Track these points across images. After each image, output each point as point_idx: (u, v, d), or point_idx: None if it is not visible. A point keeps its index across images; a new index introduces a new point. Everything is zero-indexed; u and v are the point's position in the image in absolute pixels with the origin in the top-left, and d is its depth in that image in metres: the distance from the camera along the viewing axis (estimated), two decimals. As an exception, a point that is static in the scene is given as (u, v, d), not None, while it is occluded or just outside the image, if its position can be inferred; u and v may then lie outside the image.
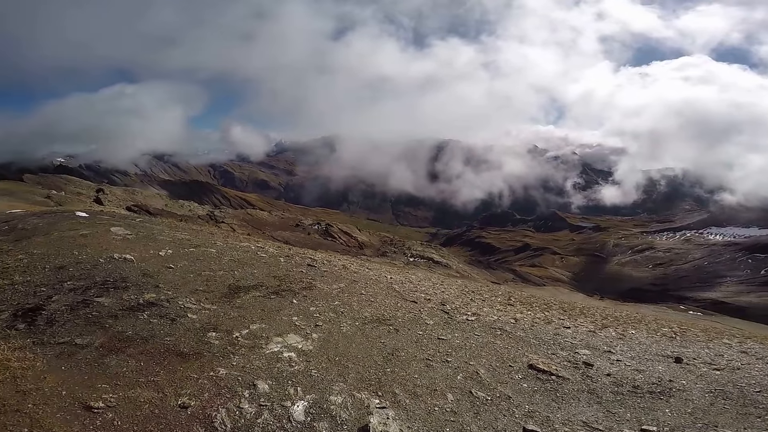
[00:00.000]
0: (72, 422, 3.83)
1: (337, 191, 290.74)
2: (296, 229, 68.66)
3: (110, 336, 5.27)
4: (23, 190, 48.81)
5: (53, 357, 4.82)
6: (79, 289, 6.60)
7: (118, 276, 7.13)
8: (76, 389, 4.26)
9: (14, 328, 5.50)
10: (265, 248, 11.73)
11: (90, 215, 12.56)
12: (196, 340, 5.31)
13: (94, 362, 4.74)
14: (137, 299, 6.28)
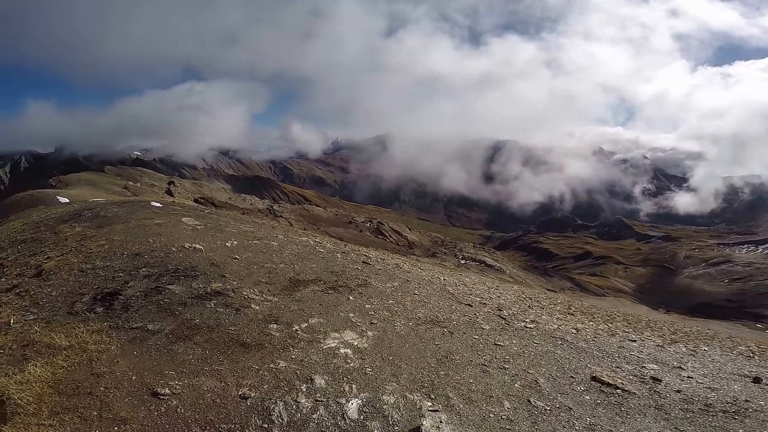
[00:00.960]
0: (138, 407, 3.99)
1: (389, 190, 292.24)
2: (349, 226, 69.77)
3: (179, 323, 5.49)
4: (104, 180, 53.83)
5: (126, 341, 5.09)
6: (153, 275, 6.98)
7: (188, 264, 7.46)
8: (145, 375, 4.45)
9: (93, 311, 5.90)
10: (323, 243, 11.90)
11: (163, 206, 13.44)
12: (258, 331, 5.41)
13: (164, 348, 4.95)
14: (205, 288, 6.51)
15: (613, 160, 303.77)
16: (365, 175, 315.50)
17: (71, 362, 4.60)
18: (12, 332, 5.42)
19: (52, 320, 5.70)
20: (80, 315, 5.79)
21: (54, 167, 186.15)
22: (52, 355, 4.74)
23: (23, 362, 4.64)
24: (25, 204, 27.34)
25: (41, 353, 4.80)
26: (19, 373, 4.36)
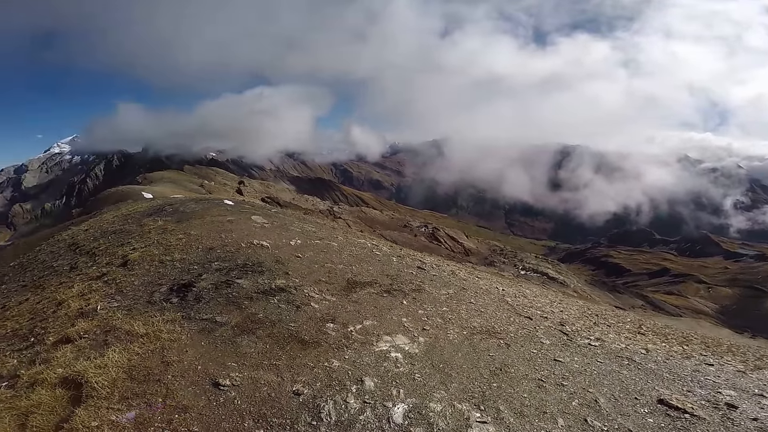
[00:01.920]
0: (200, 396, 4.17)
1: (446, 195, 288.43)
2: (404, 229, 69.88)
3: (245, 317, 5.72)
4: (183, 178, 58.53)
5: (196, 332, 5.37)
6: (224, 269, 7.37)
7: (255, 260, 7.79)
8: (210, 365, 4.65)
9: (169, 301, 6.34)
10: (380, 247, 11.98)
11: (235, 204, 14.30)
12: (316, 329, 5.50)
13: (229, 340, 5.16)
14: (270, 284, 6.76)
15: (701, 168, 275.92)
16: (421, 179, 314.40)
17: (146, 349, 4.92)
18: (97, 318, 5.97)
19: (133, 308, 6.20)
20: (157, 304, 6.25)
21: (140, 165, 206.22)
22: (129, 341, 5.12)
23: (104, 347, 5.05)
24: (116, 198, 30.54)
25: (120, 339, 5.20)
26: (99, 358, 4.72)
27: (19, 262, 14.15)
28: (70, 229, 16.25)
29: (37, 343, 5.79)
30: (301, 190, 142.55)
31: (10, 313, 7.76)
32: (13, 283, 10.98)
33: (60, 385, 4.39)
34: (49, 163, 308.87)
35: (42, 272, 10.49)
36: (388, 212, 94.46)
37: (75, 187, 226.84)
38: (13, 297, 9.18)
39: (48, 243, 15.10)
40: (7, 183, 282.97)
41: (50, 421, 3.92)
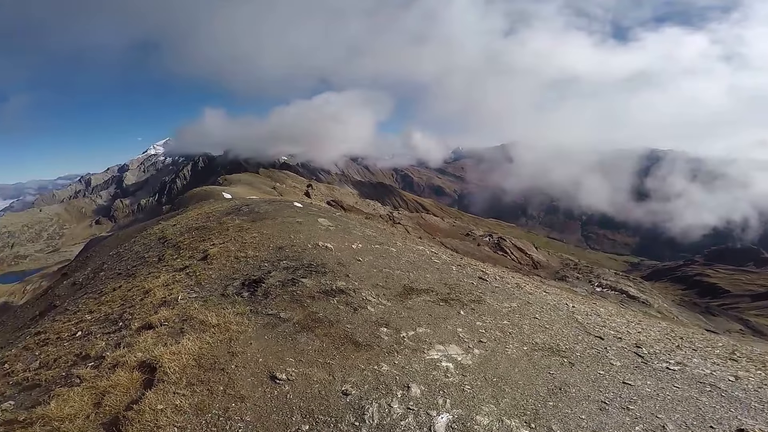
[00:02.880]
0: (257, 388, 4.42)
1: (514, 203, 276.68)
2: (466, 238, 68.31)
3: (306, 315, 5.98)
4: (258, 181, 62.38)
5: (261, 326, 5.70)
6: (291, 268, 7.79)
7: (319, 261, 8.14)
8: (270, 359, 4.92)
9: (240, 295, 6.82)
10: (439, 254, 11.89)
11: (303, 206, 15.03)
12: (370, 332, 5.61)
13: (289, 337, 5.43)
14: (331, 285, 7.02)
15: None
16: (486, 186, 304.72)
17: (216, 339, 5.31)
18: (178, 307, 6.57)
19: (208, 300, 6.74)
20: (230, 297, 6.75)
21: (222, 167, 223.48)
22: (202, 331, 5.54)
23: (180, 335, 5.52)
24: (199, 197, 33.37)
25: (195, 329, 5.65)
26: (174, 345, 5.16)
27: (117, 251, 15.99)
28: (161, 224, 18.02)
29: (124, 327, 6.51)
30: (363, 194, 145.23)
31: (105, 298, 8.82)
32: (110, 270, 12.45)
33: (137, 368, 4.84)
34: (146, 163, 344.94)
35: (135, 262, 11.77)
36: (450, 219, 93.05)
37: (166, 186, 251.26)
38: (109, 283, 10.43)
39: (141, 235, 16.88)
40: (111, 180, 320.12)
41: (122, 402, 4.32)
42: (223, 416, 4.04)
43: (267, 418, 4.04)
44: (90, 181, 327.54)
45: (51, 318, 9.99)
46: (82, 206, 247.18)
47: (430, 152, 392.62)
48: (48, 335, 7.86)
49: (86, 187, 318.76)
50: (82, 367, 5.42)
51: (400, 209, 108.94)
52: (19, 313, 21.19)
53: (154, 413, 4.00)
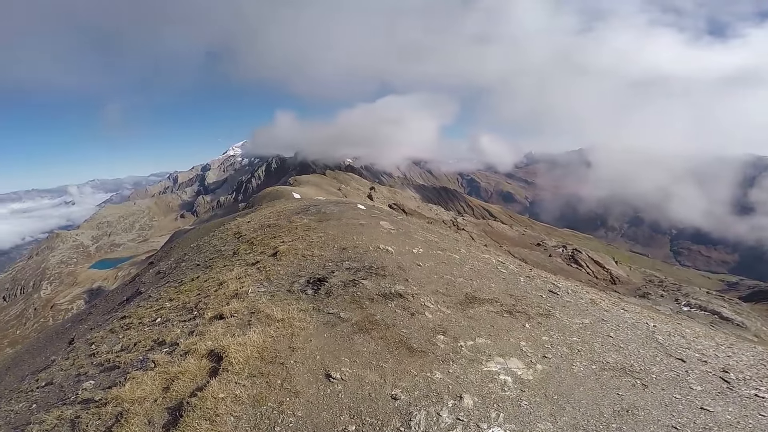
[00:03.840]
0: (311, 385, 4.52)
1: (592, 213, 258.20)
2: (536, 248, 65.02)
3: (364, 316, 6.04)
4: (325, 182, 64.59)
5: (321, 324, 5.85)
6: (353, 269, 7.93)
7: (380, 264, 8.19)
8: (327, 357, 5.02)
9: (305, 292, 7.06)
10: (506, 264, 11.42)
11: (366, 208, 15.28)
12: (426, 339, 5.52)
13: (347, 337, 5.51)
14: (390, 288, 7.02)
15: None
16: (560, 193, 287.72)
17: (279, 334, 5.52)
18: (247, 300, 6.95)
19: (275, 295, 7.06)
20: (295, 294, 7.02)
21: (292, 169, 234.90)
22: (268, 324, 5.79)
23: (247, 327, 5.82)
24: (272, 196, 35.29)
25: (261, 322, 5.92)
26: (241, 336, 5.44)
27: (197, 244, 17.35)
28: (236, 220, 19.28)
29: (198, 316, 6.99)
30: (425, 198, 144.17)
31: (184, 287, 9.57)
32: (190, 261, 13.52)
33: (206, 357, 5.16)
34: (226, 163, 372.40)
35: (212, 255, 12.68)
36: (519, 228, 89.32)
37: (242, 185, 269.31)
38: (188, 274, 11.31)
39: (219, 230, 18.17)
40: (195, 179, 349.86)
41: (189, 388, 4.60)
42: (277, 410, 4.17)
43: (317, 416, 4.12)
44: (177, 178, 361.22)
45: (136, 304, 11.08)
46: (169, 201, 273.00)
47: (499, 156, 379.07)
48: (132, 320, 8.71)
49: (174, 183, 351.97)
50: (158, 353, 5.90)
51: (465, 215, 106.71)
52: (110, 297, 23.83)
53: (215, 401, 4.21)
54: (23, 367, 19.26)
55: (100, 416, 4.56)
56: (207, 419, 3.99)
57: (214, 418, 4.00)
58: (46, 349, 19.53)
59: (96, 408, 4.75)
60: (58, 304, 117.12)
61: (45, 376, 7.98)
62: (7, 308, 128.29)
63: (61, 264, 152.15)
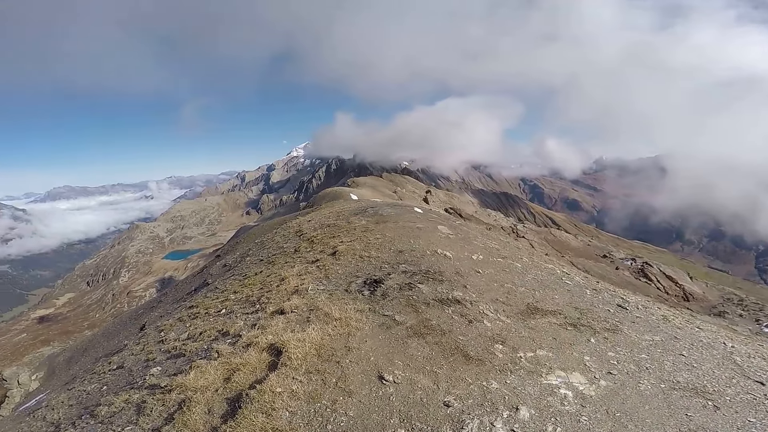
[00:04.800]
0: (364, 386, 4.53)
1: (666, 225, 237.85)
2: (602, 260, 60.93)
3: (419, 320, 5.97)
4: (381, 184, 65.11)
5: (377, 326, 5.87)
6: (409, 273, 7.89)
7: (437, 269, 8.08)
8: (380, 359, 5.02)
9: (361, 293, 7.13)
10: (571, 275, 10.82)
11: (423, 212, 15.16)
12: (483, 347, 5.39)
13: (401, 340, 5.48)
14: (447, 294, 6.89)
15: None
16: (632, 202, 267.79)
17: (336, 333, 5.60)
18: (307, 297, 7.14)
19: (333, 293, 7.19)
20: (352, 294, 7.11)
21: (350, 170, 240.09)
22: (325, 322, 5.90)
23: (306, 324, 5.97)
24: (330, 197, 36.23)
25: (319, 319, 6.05)
26: (300, 333, 5.57)
27: (261, 240, 18.20)
28: (298, 219, 20.02)
29: (260, 310, 7.28)
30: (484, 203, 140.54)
31: (247, 281, 10.04)
32: (254, 257, 14.19)
33: (266, 350, 5.33)
34: (289, 164, 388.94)
35: (275, 251, 13.23)
36: (584, 238, 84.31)
37: (304, 185, 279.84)
38: (252, 268, 11.86)
39: (282, 228, 18.97)
40: (261, 178, 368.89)
41: (248, 380, 4.76)
42: (330, 407, 4.22)
43: (368, 417, 4.12)
44: (244, 177, 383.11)
45: (203, 294, 11.80)
46: (236, 198, 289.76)
47: (566, 161, 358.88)
48: (198, 310, 9.27)
49: (241, 182, 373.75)
50: (222, 343, 6.21)
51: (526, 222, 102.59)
52: (179, 286, 25.69)
53: (273, 395, 4.33)
54: (98, 349, 21.35)
55: (164, 402, 4.83)
56: (263, 413, 4.10)
57: (270, 412, 4.10)
58: (120, 334, 21.50)
59: (161, 394, 5.04)
60: (134, 291, 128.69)
61: (117, 360, 8.72)
62: (90, 293, 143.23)
63: (138, 253, 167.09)
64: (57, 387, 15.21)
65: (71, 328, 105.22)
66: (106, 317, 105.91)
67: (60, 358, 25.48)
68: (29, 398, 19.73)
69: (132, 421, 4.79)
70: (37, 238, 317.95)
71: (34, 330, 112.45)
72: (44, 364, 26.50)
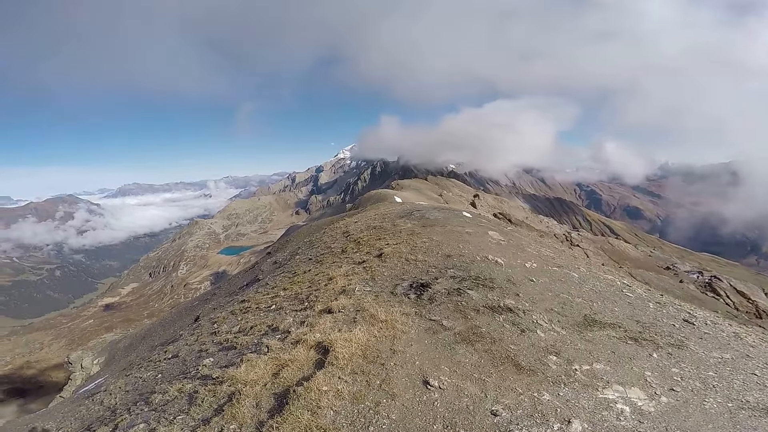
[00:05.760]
0: (408, 390, 4.44)
1: (741, 237, 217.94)
2: (665, 272, 56.72)
3: (468, 327, 5.80)
4: (425, 187, 64.63)
5: (423, 330, 5.76)
6: (458, 278, 7.70)
7: (488, 275, 7.84)
8: (426, 364, 4.91)
9: (407, 296, 7.03)
10: (632, 287, 10.15)
11: (472, 216, 14.82)
12: (536, 358, 5.19)
13: (448, 345, 5.35)
14: (498, 302, 6.65)
15: None
16: (699, 211, 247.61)
17: (382, 335, 5.56)
18: (354, 297, 7.16)
19: (379, 295, 7.16)
20: (398, 296, 7.04)
21: (394, 173, 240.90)
22: (372, 324, 5.87)
23: (353, 324, 5.97)
24: (375, 199, 36.49)
25: (365, 320, 6.03)
26: (347, 333, 5.56)
27: (310, 239, 18.61)
28: (344, 220, 20.30)
29: (308, 308, 7.38)
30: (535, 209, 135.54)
31: (296, 279, 10.25)
32: (303, 255, 14.51)
33: (314, 348, 5.37)
34: (336, 166, 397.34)
35: (323, 250, 13.46)
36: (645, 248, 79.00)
37: (350, 187, 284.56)
38: (301, 266, 12.12)
39: (329, 228, 19.30)
40: (310, 179, 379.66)
41: (296, 377, 4.80)
42: (373, 409, 4.18)
43: (410, 421, 4.05)
44: (295, 178, 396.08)
45: (254, 289, 12.20)
46: (287, 198, 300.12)
47: (627, 166, 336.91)
48: (250, 304, 9.57)
49: (291, 183, 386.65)
50: (271, 338, 6.34)
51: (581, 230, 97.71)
52: (232, 281, 26.81)
53: (319, 394, 4.34)
54: (155, 337, 22.69)
55: (215, 393, 4.96)
56: (309, 410, 4.11)
57: (315, 410, 4.11)
58: (176, 324, 22.76)
59: (212, 385, 5.19)
60: (190, 283, 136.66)
61: (172, 349, 9.15)
62: (151, 284, 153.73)
63: (196, 248, 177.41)
64: (115, 372, 16.30)
65: (132, 316, 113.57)
66: (164, 307, 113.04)
67: (120, 345, 27.31)
68: (89, 381, 21.32)
69: (183, 411, 4.94)
70: (108, 231, 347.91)
71: (100, 317, 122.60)
72: (106, 350, 28.52)
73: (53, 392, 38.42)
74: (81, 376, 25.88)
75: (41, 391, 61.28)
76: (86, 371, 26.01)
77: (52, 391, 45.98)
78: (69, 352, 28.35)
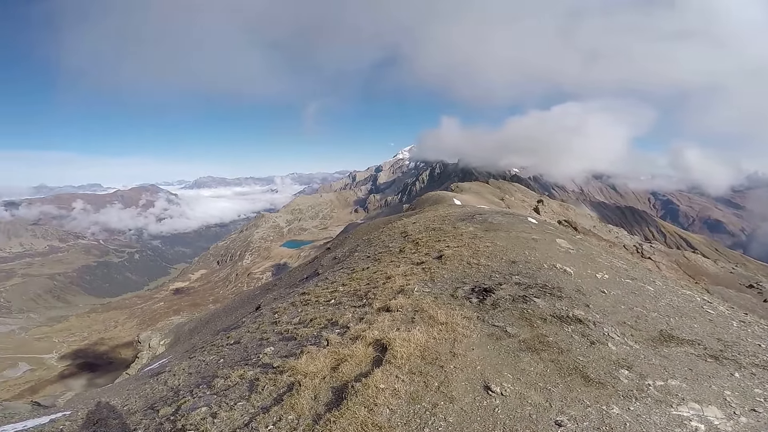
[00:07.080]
0: (468, 394, 4.35)
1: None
2: (746, 290, 50.85)
3: (534, 335, 5.60)
4: (486, 190, 62.96)
5: (485, 335, 5.64)
6: (523, 285, 7.46)
7: (555, 284, 7.53)
8: (487, 369, 4.80)
9: (469, 300, 6.91)
10: (713, 304, 9.30)
11: (538, 223, 14.25)
12: (606, 371, 4.92)
13: (512, 352, 5.20)
14: (567, 311, 6.38)
15: None
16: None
17: (441, 337, 5.51)
18: (413, 297, 7.16)
19: (439, 297, 7.10)
20: (459, 300, 6.95)
21: (454, 175, 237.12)
22: (431, 325, 5.84)
23: (411, 324, 5.97)
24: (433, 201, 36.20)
25: (424, 321, 6.01)
26: (405, 332, 5.56)
27: (368, 237, 18.90)
28: (402, 220, 20.38)
29: (367, 305, 7.48)
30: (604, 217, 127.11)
31: (355, 275, 10.44)
32: (362, 253, 14.77)
33: (372, 345, 5.41)
34: (395, 166, 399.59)
35: (381, 249, 13.62)
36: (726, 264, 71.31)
37: (408, 187, 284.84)
38: (360, 263, 12.33)
39: (387, 227, 19.47)
40: (369, 178, 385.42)
41: (354, 372, 4.85)
42: (430, 411, 4.14)
43: (468, 425, 3.98)
44: (355, 177, 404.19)
45: (314, 283, 12.58)
46: (347, 196, 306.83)
47: (709, 176, 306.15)
48: (310, 297, 9.85)
49: (352, 181, 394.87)
50: (331, 332, 6.49)
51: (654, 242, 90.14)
52: (293, 273, 27.82)
53: (376, 391, 4.37)
54: (218, 323, 24.03)
55: (276, 383, 5.09)
56: (366, 407, 4.14)
57: (372, 407, 4.14)
58: (238, 311, 24.00)
59: (273, 374, 5.34)
60: (253, 272, 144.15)
61: (234, 335, 9.57)
62: (218, 271, 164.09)
63: (261, 240, 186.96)
64: (179, 354, 17.45)
65: (199, 301, 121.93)
66: (228, 294, 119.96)
67: (186, 328, 29.17)
68: (154, 361, 22.99)
69: (244, 397, 5.05)
70: (184, 219, 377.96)
71: (170, 300, 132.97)
72: (172, 331, 30.62)
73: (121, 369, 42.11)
74: (147, 355, 27.99)
75: (110, 366, 67.60)
76: (153, 351, 28.01)
77: (119, 368, 50.37)
78: (139, 331, 30.92)
